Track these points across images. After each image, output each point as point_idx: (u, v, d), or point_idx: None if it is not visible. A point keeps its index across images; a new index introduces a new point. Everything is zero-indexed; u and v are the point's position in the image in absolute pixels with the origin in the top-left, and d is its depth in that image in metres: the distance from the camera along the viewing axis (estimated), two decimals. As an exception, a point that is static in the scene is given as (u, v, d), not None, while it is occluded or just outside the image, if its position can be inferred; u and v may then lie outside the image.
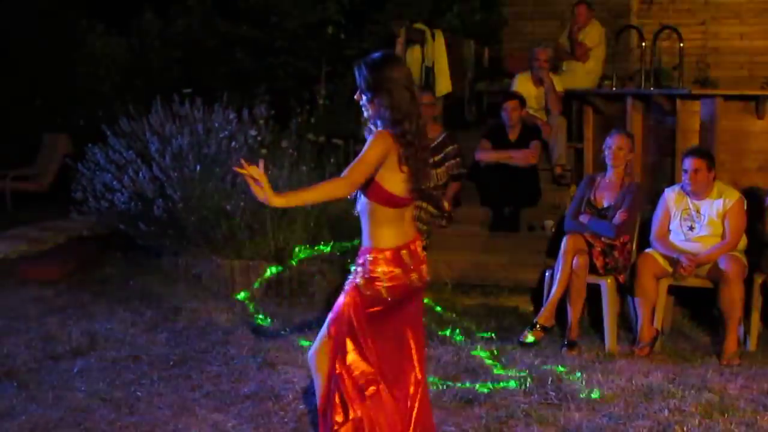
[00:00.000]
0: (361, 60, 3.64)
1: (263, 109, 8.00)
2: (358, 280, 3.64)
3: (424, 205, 7.57)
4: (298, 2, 10.31)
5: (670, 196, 6.21)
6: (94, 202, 7.97)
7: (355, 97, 3.69)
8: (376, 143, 3.50)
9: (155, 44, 11.66)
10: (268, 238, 7.40)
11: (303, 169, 7.51)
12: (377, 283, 3.59)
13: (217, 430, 4.53)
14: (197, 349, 5.89)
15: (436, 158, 7.59)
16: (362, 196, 3.60)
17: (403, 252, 3.64)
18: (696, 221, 6.05)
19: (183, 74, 11.03)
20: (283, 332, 6.26)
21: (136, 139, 7.98)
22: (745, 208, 6.05)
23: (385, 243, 3.61)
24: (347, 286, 3.70)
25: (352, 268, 3.72)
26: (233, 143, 7.66)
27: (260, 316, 6.65)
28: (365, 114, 3.68)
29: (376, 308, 3.63)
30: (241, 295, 7.10)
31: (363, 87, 3.59)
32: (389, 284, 3.60)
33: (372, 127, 3.60)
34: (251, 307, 6.92)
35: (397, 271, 3.61)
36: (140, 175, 7.63)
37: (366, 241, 3.67)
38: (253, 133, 7.78)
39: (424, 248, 7.80)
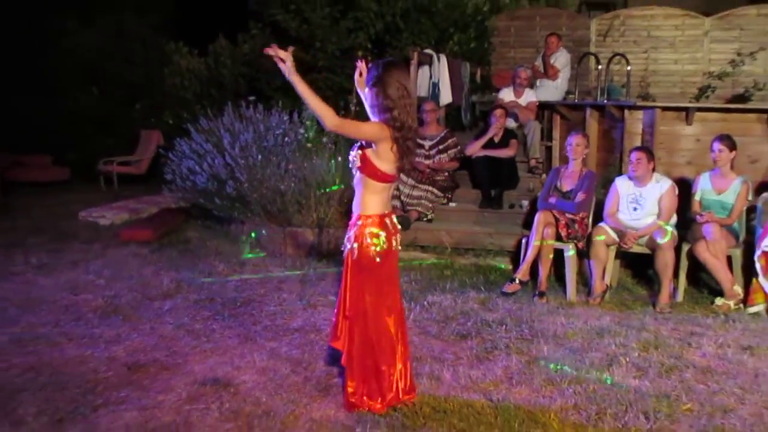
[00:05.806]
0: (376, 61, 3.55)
1: (309, 113, 7.99)
2: (351, 246, 3.53)
3: (430, 188, 7.56)
4: (336, 32, 10.25)
5: (620, 183, 6.16)
6: (180, 182, 8.00)
7: (356, 83, 3.63)
8: (374, 125, 3.42)
9: (227, 62, 11.64)
10: (311, 211, 7.40)
11: (339, 159, 7.49)
12: (367, 246, 3.47)
13: (273, 355, 4.56)
14: (258, 294, 5.91)
15: (441, 147, 7.79)
16: (358, 172, 3.49)
17: (387, 219, 3.56)
18: (639, 203, 6.01)
19: (248, 85, 11.03)
20: (321, 282, 6.29)
21: (213, 135, 7.99)
22: (677, 193, 6.02)
23: (372, 209, 3.51)
24: (344, 256, 3.58)
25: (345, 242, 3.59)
26: (286, 138, 7.65)
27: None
28: (366, 104, 3.58)
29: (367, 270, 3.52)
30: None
31: (370, 80, 3.49)
32: (376, 247, 3.47)
33: (371, 116, 3.53)
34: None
35: (383, 234, 3.49)
36: (215, 162, 7.65)
37: (356, 210, 3.55)
38: (301, 131, 7.79)
39: (429, 221, 7.76)
